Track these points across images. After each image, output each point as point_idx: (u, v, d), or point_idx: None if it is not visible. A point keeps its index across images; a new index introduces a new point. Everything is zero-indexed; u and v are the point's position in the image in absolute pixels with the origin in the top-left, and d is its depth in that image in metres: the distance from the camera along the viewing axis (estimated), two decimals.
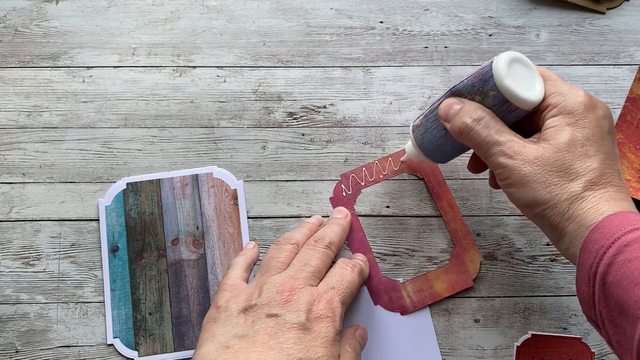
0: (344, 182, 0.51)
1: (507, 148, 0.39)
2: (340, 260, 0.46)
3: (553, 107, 0.39)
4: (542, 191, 0.38)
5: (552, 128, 0.39)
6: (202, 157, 0.52)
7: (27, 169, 0.51)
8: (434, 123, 0.43)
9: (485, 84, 0.40)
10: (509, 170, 0.38)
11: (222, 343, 0.39)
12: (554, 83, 0.40)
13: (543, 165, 0.38)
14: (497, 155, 0.39)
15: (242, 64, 0.53)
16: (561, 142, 0.38)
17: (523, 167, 0.38)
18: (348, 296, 0.43)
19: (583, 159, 0.38)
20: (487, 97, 0.40)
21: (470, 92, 0.41)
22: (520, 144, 0.39)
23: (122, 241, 0.50)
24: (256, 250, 0.49)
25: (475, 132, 0.40)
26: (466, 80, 0.41)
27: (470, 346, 0.49)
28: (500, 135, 0.39)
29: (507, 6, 0.54)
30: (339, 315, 0.41)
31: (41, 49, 0.53)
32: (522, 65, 0.40)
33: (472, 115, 0.40)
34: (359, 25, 0.54)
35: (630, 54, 0.53)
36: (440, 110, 0.42)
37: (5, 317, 0.49)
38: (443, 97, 0.42)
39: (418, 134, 0.45)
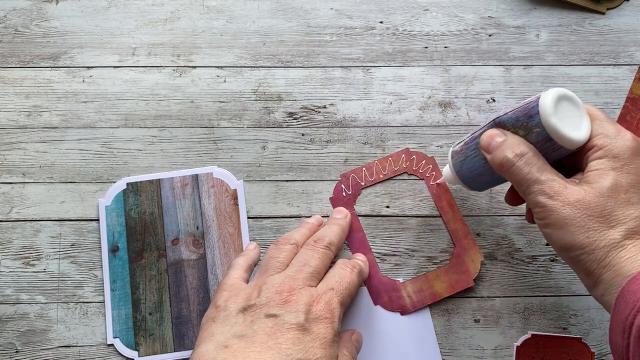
0: (344, 182, 0.51)
1: (547, 187, 0.38)
2: (339, 260, 0.46)
3: (598, 149, 0.38)
4: (580, 235, 0.37)
5: (595, 171, 0.38)
6: (202, 157, 0.52)
7: (27, 169, 0.51)
8: (474, 152, 0.43)
9: (530, 120, 0.39)
10: (548, 211, 0.38)
11: (221, 342, 0.39)
12: (601, 123, 0.39)
13: (583, 209, 0.37)
14: (536, 194, 0.38)
15: (242, 64, 0.53)
16: (604, 187, 0.37)
17: (562, 209, 0.37)
18: (347, 297, 0.43)
19: (625, 206, 0.37)
20: (531, 132, 0.39)
21: (514, 125, 0.40)
22: (562, 184, 0.38)
23: (122, 241, 0.50)
24: (257, 251, 0.49)
25: (516, 167, 0.39)
26: (511, 113, 0.40)
27: (470, 346, 0.49)
28: (542, 174, 0.38)
29: (507, 6, 0.54)
30: (338, 317, 0.41)
31: (41, 49, 0.53)
32: (569, 102, 0.39)
33: (514, 150, 0.39)
34: (359, 25, 0.54)
35: (630, 54, 0.53)
36: (482, 141, 0.41)
37: (5, 317, 0.49)
38: (486, 126, 0.42)
39: (457, 160, 0.44)
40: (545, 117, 0.38)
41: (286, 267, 0.44)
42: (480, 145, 0.41)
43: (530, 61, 0.53)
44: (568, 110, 0.39)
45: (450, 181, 0.47)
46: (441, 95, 0.53)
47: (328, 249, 0.45)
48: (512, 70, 0.53)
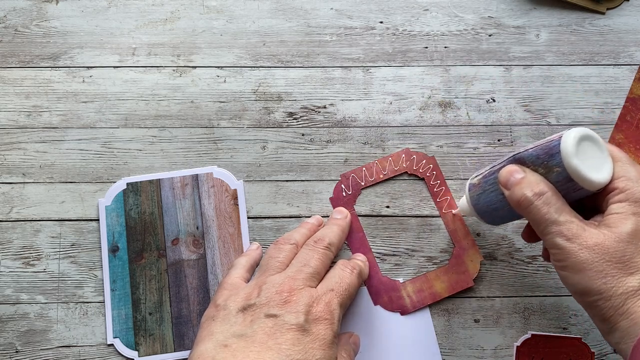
0: (344, 182, 0.51)
1: (565, 229, 0.37)
2: (339, 261, 0.46)
3: (620, 192, 0.37)
4: (597, 281, 0.36)
5: (616, 215, 0.37)
6: (202, 157, 0.52)
7: (27, 169, 0.51)
8: (492, 186, 0.42)
9: (551, 159, 0.38)
10: (565, 253, 0.37)
11: (221, 342, 0.39)
12: (623, 166, 0.38)
13: (602, 254, 0.36)
14: (554, 235, 0.37)
15: (242, 64, 0.53)
16: (624, 232, 0.36)
17: (580, 253, 0.36)
18: (347, 298, 0.43)
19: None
20: (551, 171, 0.38)
21: (534, 163, 0.39)
22: (580, 226, 0.37)
23: (122, 241, 0.50)
24: (259, 251, 0.49)
25: (534, 206, 0.38)
26: (531, 150, 0.39)
27: (470, 346, 0.49)
28: (560, 215, 0.37)
29: (507, 6, 0.54)
30: (338, 318, 0.41)
31: (41, 49, 0.53)
32: (591, 143, 0.38)
33: (533, 188, 0.38)
34: (359, 25, 0.54)
35: (630, 54, 0.53)
36: (501, 176, 0.40)
37: (5, 317, 0.49)
38: (505, 161, 0.41)
39: (474, 193, 0.44)
40: (567, 157, 0.37)
41: (286, 267, 0.44)
42: (499, 181, 0.41)
43: (530, 61, 0.53)
44: (590, 150, 0.38)
45: (466, 213, 0.46)
46: (441, 95, 0.53)
47: (328, 250, 0.45)
48: (512, 70, 0.53)
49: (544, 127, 0.52)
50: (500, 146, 0.52)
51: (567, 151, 0.37)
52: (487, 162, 0.51)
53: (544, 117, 0.52)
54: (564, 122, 0.52)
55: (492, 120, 0.52)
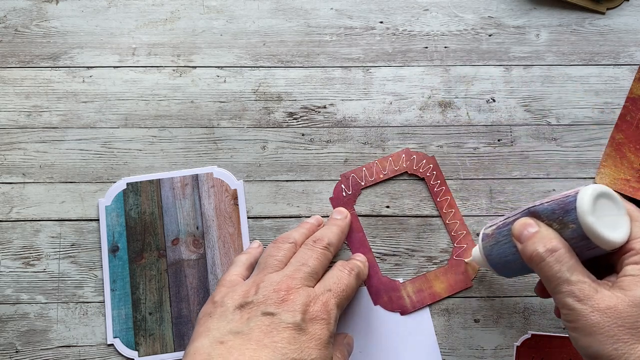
0: (344, 182, 0.51)
1: (577, 289, 0.36)
2: (338, 262, 0.46)
3: (635, 254, 0.36)
4: (608, 346, 0.35)
5: (631, 277, 0.36)
6: (202, 157, 0.52)
7: (27, 169, 0.51)
8: (505, 238, 0.41)
9: (567, 215, 0.37)
10: (576, 315, 0.36)
11: (217, 338, 0.39)
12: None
13: (614, 318, 0.35)
14: (565, 295, 0.36)
15: (242, 64, 0.53)
16: (638, 297, 0.35)
17: (592, 315, 0.35)
18: (344, 299, 0.43)
19: None
20: (566, 227, 0.37)
21: (549, 217, 0.38)
22: (593, 287, 0.36)
23: (122, 241, 0.50)
24: (260, 250, 0.49)
25: (546, 263, 0.37)
26: (547, 204, 0.38)
27: (470, 346, 0.49)
28: (572, 274, 0.36)
29: (507, 6, 0.54)
30: (334, 318, 0.41)
31: (41, 49, 0.53)
32: (609, 200, 0.37)
33: (546, 244, 0.37)
34: (359, 25, 0.54)
35: (630, 54, 0.53)
36: (515, 229, 0.39)
37: (5, 317, 0.49)
38: (520, 213, 0.40)
39: (487, 244, 0.43)
40: (583, 214, 0.36)
41: (284, 265, 0.44)
42: (512, 233, 0.40)
43: (530, 61, 0.53)
44: (607, 208, 0.37)
45: (479, 263, 0.45)
46: (441, 95, 0.53)
47: (327, 250, 0.45)
48: (512, 70, 0.53)
49: (544, 127, 0.52)
50: (500, 146, 0.52)
51: (583, 208, 0.36)
52: (487, 162, 0.51)
53: (544, 117, 0.52)
54: (564, 122, 0.52)
55: (492, 120, 0.52)
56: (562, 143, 0.52)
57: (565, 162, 0.51)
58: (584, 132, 0.52)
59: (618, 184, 0.50)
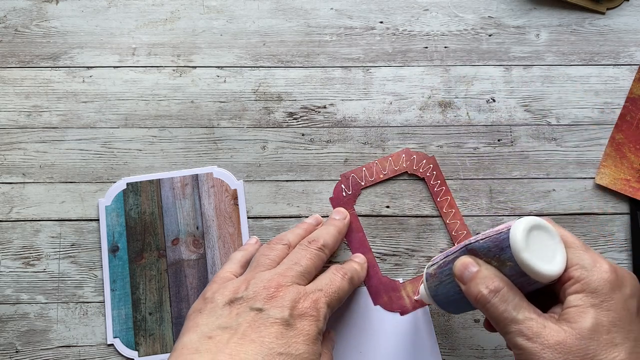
0: (344, 182, 0.51)
1: (525, 328, 0.36)
2: (332, 266, 0.45)
3: (575, 282, 0.36)
4: None
5: (575, 308, 0.36)
6: (202, 157, 0.52)
7: (27, 169, 0.51)
8: (448, 277, 0.40)
9: (502, 253, 0.37)
10: (528, 354, 0.35)
11: (205, 333, 0.39)
12: (576, 252, 0.37)
13: (565, 353, 0.34)
14: (514, 335, 0.36)
15: (242, 64, 0.53)
16: (584, 328, 0.35)
17: (543, 353, 0.35)
18: (335, 300, 0.43)
19: (609, 349, 0.34)
20: (504, 265, 0.37)
21: (486, 255, 0.38)
22: (540, 323, 0.36)
23: (122, 241, 0.50)
24: (257, 246, 0.49)
25: (491, 305, 0.37)
26: (482, 242, 0.38)
27: (470, 346, 0.49)
28: (519, 312, 0.36)
29: (507, 6, 0.54)
30: (323, 316, 0.41)
31: (41, 49, 0.53)
32: (542, 231, 0.37)
33: (488, 285, 0.37)
34: (359, 25, 0.54)
35: (630, 54, 0.53)
36: (456, 270, 0.39)
37: (5, 317, 0.49)
38: (458, 250, 0.40)
39: (432, 284, 0.42)
40: (517, 252, 0.36)
41: (277, 265, 0.44)
42: (454, 274, 0.39)
43: (530, 61, 0.53)
44: (541, 240, 0.37)
45: (427, 301, 0.44)
46: (441, 95, 0.53)
47: (321, 251, 0.45)
48: (512, 70, 0.53)
49: (544, 127, 0.52)
50: (500, 146, 0.52)
51: (516, 246, 0.36)
52: (487, 162, 0.51)
53: (544, 117, 0.52)
54: (564, 122, 0.52)
55: (492, 120, 0.52)
56: (562, 143, 0.52)
57: (565, 162, 0.51)
58: (584, 132, 0.52)
59: (618, 184, 0.50)
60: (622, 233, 0.50)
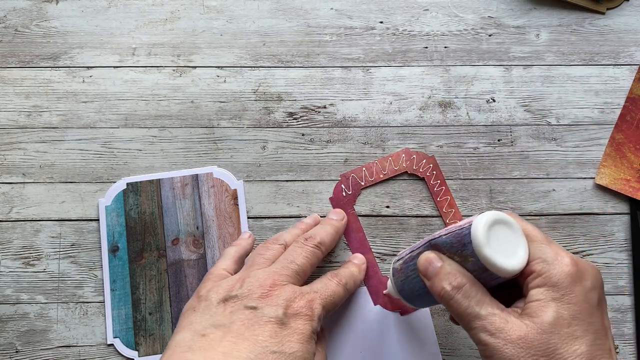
0: (344, 182, 0.51)
1: (488, 324, 0.36)
2: (328, 273, 0.45)
3: (537, 276, 0.37)
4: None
5: (536, 302, 0.36)
6: (202, 157, 0.52)
7: (27, 169, 0.51)
8: (413, 272, 0.41)
9: (464, 248, 0.37)
10: (491, 349, 0.36)
11: (199, 331, 0.39)
12: (538, 246, 0.38)
13: (527, 348, 0.35)
14: (478, 331, 0.36)
15: (242, 64, 0.53)
16: (545, 322, 0.35)
17: (505, 348, 0.35)
18: (330, 304, 0.42)
19: (570, 342, 0.35)
20: (466, 260, 0.37)
21: (449, 250, 0.38)
22: (503, 318, 0.36)
23: (122, 241, 0.50)
24: (250, 241, 0.48)
25: (455, 301, 0.37)
26: (445, 237, 0.38)
27: (470, 346, 0.49)
28: (482, 308, 0.36)
29: (507, 6, 0.54)
30: (318, 316, 0.41)
31: (41, 49, 0.54)
32: (504, 226, 0.37)
33: (451, 281, 0.37)
34: (359, 25, 0.54)
35: (630, 54, 0.53)
36: (420, 265, 0.39)
37: (5, 317, 0.49)
38: (422, 246, 0.40)
39: (398, 279, 0.42)
40: (478, 248, 0.36)
41: (272, 263, 0.44)
42: (419, 269, 0.40)
43: (530, 61, 0.53)
44: (503, 235, 0.37)
45: (395, 296, 0.44)
46: (441, 95, 0.53)
47: (317, 248, 0.45)
48: (512, 70, 0.53)
49: (544, 127, 0.52)
50: (500, 146, 0.52)
51: (477, 241, 0.36)
52: (487, 162, 0.52)
53: (544, 117, 0.52)
54: (564, 122, 0.52)
55: (492, 120, 0.52)
56: (562, 143, 0.52)
57: (565, 162, 0.51)
58: (584, 132, 0.52)
59: (618, 184, 0.50)
60: (622, 233, 0.50)
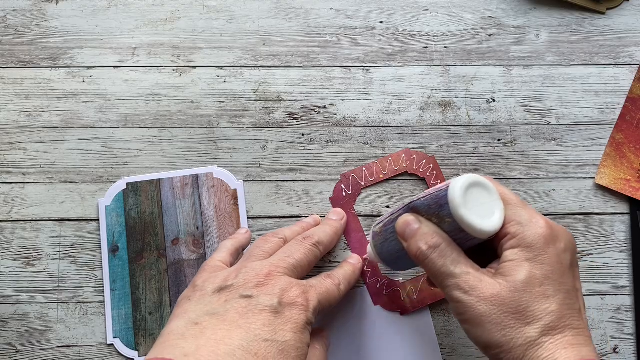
0: (344, 182, 0.51)
1: (462, 282, 0.37)
2: (322, 273, 0.45)
3: (512, 237, 0.37)
4: (497, 334, 0.36)
5: (510, 262, 0.37)
6: (202, 157, 0.52)
7: (27, 169, 0.51)
8: (392, 235, 0.41)
9: (441, 210, 0.37)
10: (464, 307, 0.37)
11: (192, 319, 0.39)
12: (514, 209, 0.38)
13: (499, 305, 0.36)
14: (452, 289, 0.37)
15: (242, 64, 0.53)
16: (518, 281, 0.36)
17: (478, 306, 0.36)
18: (325, 300, 0.42)
19: (541, 301, 0.36)
20: (443, 222, 0.38)
21: (427, 212, 0.39)
22: (477, 277, 0.37)
23: (122, 241, 0.50)
24: (247, 235, 0.48)
25: (430, 260, 0.38)
26: (423, 199, 0.39)
27: (470, 346, 0.49)
28: (456, 267, 0.37)
29: (507, 6, 0.54)
30: (313, 308, 0.40)
31: (41, 49, 0.54)
32: (481, 189, 0.38)
33: (428, 241, 0.38)
34: (359, 25, 0.54)
35: (630, 54, 0.53)
36: (398, 227, 0.40)
37: (5, 317, 0.49)
38: (402, 209, 0.40)
39: (377, 242, 0.43)
40: (455, 208, 0.36)
41: (269, 256, 0.44)
42: (397, 232, 0.40)
43: (530, 61, 0.53)
44: (479, 197, 0.37)
45: (374, 260, 0.45)
46: (441, 95, 0.53)
47: (315, 247, 0.44)
48: (512, 70, 0.53)
49: (544, 127, 0.52)
50: (500, 146, 0.52)
51: (454, 202, 0.36)
52: (487, 162, 0.52)
53: (544, 117, 0.52)
54: (564, 122, 0.52)
55: (492, 120, 0.52)
56: (562, 143, 0.52)
57: (565, 162, 0.51)
58: (584, 132, 0.52)
59: (618, 184, 0.50)
60: (622, 233, 0.50)
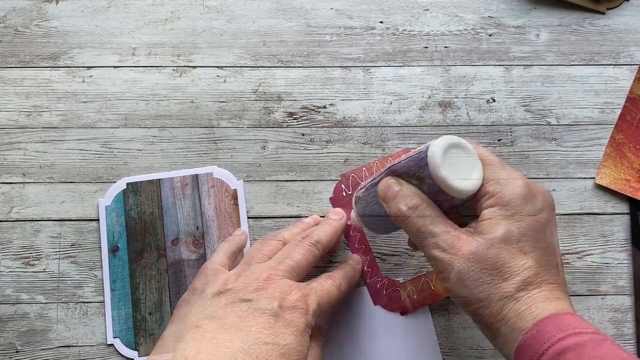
0: (344, 182, 0.51)
1: (441, 240, 0.38)
2: (323, 274, 0.45)
3: (490, 196, 0.38)
4: (475, 290, 0.37)
5: (488, 220, 0.38)
6: (202, 157, 0.52)
7: (27, 169, 0.51)
8: (374, 199, 0.42)
9: (421, 171, 0.38)
10: (443, 265, 0.38)
11: (193, 323, 0.39)
12: (493, 169, 0.39)
13: (477, 262, 0.36)
14: (431, 247, 0.38)
15: (242, 64, 0.53)
16: (496, 238, 0.37)
17: (457, 263, 0.37)
18: (325, 302, 0.42)
19: (518, 257, 0.36)
20: (423, 183, 0.39)
21: (407, 174, 0.39)
22: (455, 236, 0.38)
23: (122, 241, 0.50)
24: (244, 237, 0.49)
25: (410, 220, 0.39)
26: (404, 162, 0.40)
27: (470, 346, 0.49)
28: (435, 226, 0.38)
29: (507, 6, 0.54)
30: (313, 311, 0.40)
31: (41, 49, 0.54)
32: (460, 150, 0.38)
33: (407, 202, 0.39)
34: (359, 25, 0.54)
35: (630, 54, 0.53)
36: (379, 190, 0.41)
37: (5, 317, 0.49)
38: (384, 173, 0.41)
39: (360, 206, 0.44)
40: (434, 169, 0.37)
41: (269, 259, 0.44)
42: (378, 195, 0.41)
43: (530, 61, 0.53)
44: (459, 158, 0.38)
45: (357, 224, 0.46)
46: (441, 95, 0.53)
47: (314, 247, 0.44)
48: (512, 70, 0.53)
49: (544, 127, 0.52)
50: (500, 146, 0.52)
51: (433, 163, 0.37)
52: None
53: (544, 117, 0.52)
54: (564, 122, 0.52)
55: (492, 120, 0.52)
56: (562, 143, 0.52)
57: (565, 162, 0.51)
58: (584, 132, 0.52)
59: (618, 184, 0.50)
60: (622, 233, 0.50)
